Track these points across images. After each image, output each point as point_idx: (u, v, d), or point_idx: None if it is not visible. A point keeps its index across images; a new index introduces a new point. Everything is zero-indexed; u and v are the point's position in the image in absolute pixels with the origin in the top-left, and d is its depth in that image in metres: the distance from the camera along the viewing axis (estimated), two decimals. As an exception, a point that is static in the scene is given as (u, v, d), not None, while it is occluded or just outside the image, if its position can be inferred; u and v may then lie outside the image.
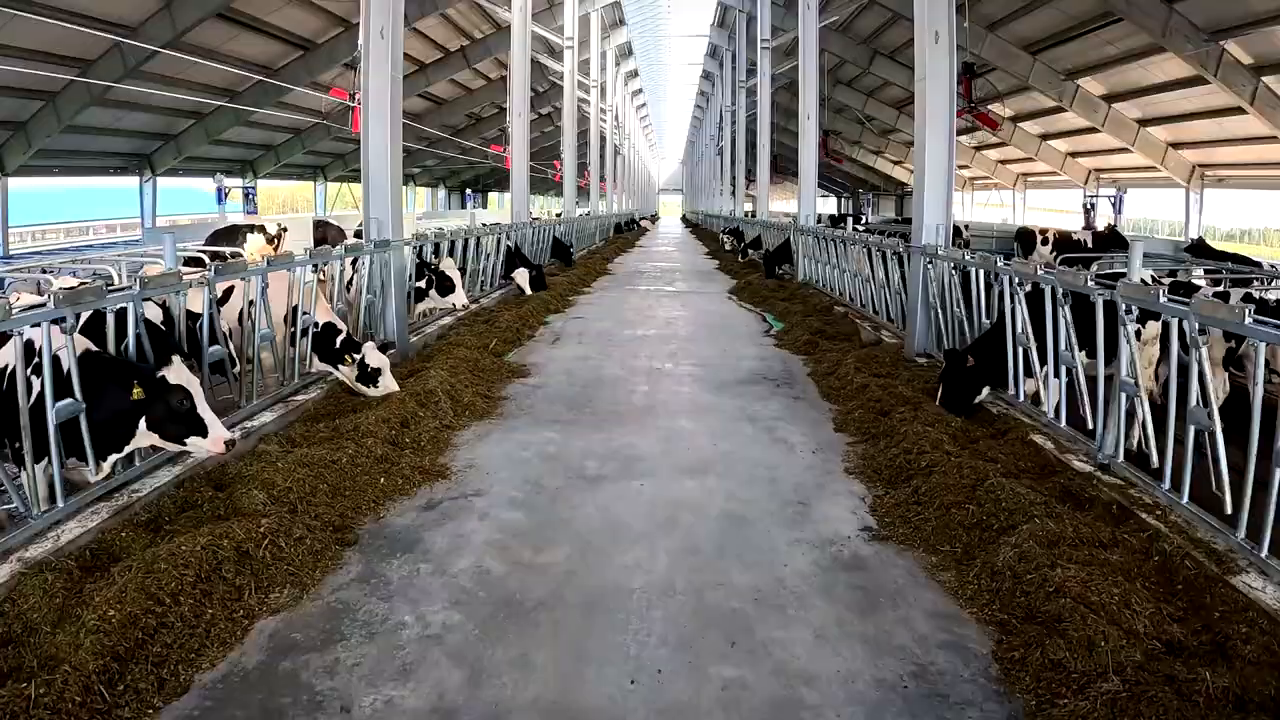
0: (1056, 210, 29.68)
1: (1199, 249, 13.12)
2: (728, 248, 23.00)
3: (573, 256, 17.06)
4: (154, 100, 18.71)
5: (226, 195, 18.45)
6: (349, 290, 7.41)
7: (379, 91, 7.38)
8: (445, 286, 8.43)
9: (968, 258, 6.29)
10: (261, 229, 14.53)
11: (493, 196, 48.29)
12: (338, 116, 20.84)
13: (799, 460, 5.15)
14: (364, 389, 6.07)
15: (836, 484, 4.76)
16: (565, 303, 12.25)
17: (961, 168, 34.58)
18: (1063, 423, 5.19)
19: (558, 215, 24.70)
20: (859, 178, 42.03)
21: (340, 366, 6.14)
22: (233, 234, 14.19)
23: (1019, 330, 5.51)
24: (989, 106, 18.61)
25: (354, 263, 7.16)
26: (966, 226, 17.32)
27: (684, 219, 63.43)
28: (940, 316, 7.00)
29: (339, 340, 6.17)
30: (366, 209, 7.47)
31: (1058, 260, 12.88)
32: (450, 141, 32.97)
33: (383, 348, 6.27)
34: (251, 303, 5.47)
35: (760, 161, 19.43)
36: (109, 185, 23.19)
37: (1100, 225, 19.67)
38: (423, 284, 8.51)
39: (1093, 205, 19.67)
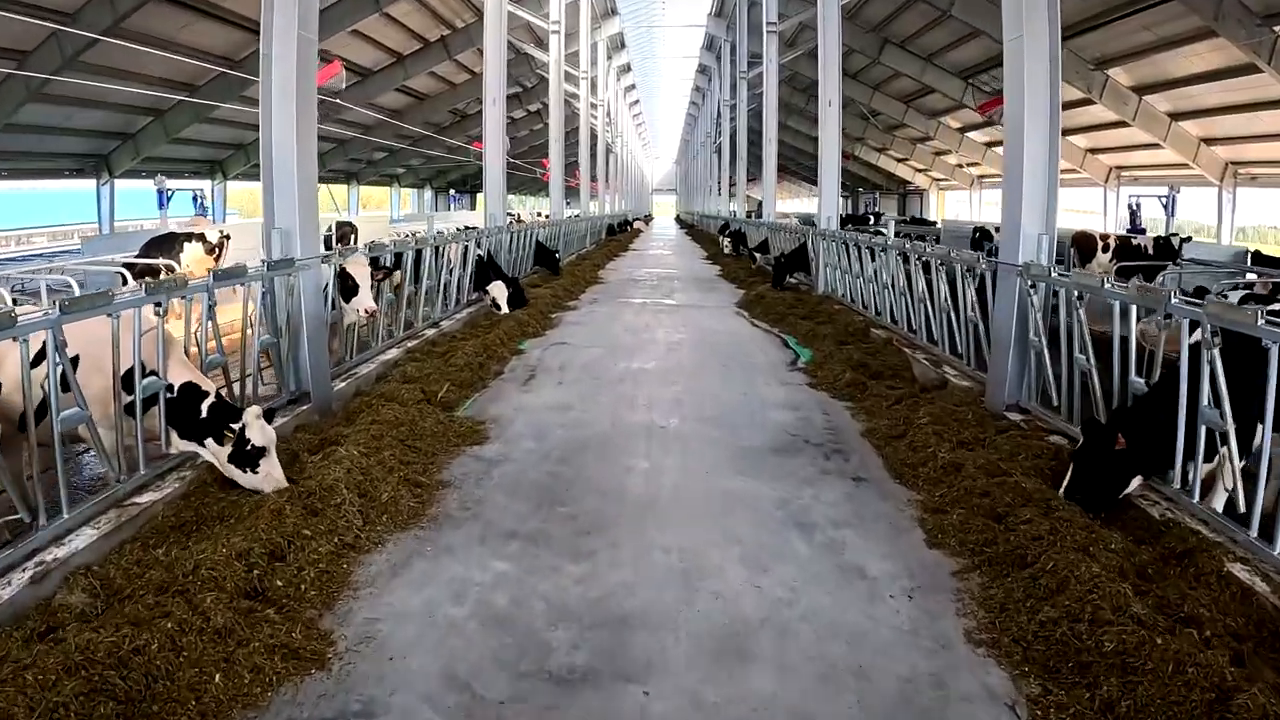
0: (1072, 210, 28.12)
1: (1254, 256, 11.76)
2: (726, 251, 21.23)
3: (559, 264, 15.13)
4: (106, 96, 17.05)
5: (170, 198, 16.48)
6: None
7: (284, 59, 5.47)
8: (347, 288, 6.45)
9: (1109, 285, 4.40)
10: (201, 237, 12.72)
11: (481, 198, 46.31)
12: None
13: (890, 615, 3.26)
14: (237, 475, 4.18)
15: (962, 674, 2.88)
16: (546, 322, 10.35)
17: (971, 165, 32.97)
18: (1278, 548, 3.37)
19: (544, 216, 22.88)
20: (861, 176, 40.42)
21: (209, 442, 4.26)
22: (168, 243, 12.41)
23: (1205, 402, 3.67)
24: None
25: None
26: (998, 229, 15.50)
27: (678, 219, 61.79)
28: (1047, 360, 5.14)
29: (206, 406, 4.27)
30: (269, 216, 5.56)
31: (1116, 270, 11.12)
32: (434, 140, 31.08)
33: (269, 414, 4.38)
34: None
35: (766, 156, 17.50)
36: (77, 189, 21.60)
37: (1140, 226, 18.02)
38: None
39: (1138, 205, 17.89)
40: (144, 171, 21.84)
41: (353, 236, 15.50)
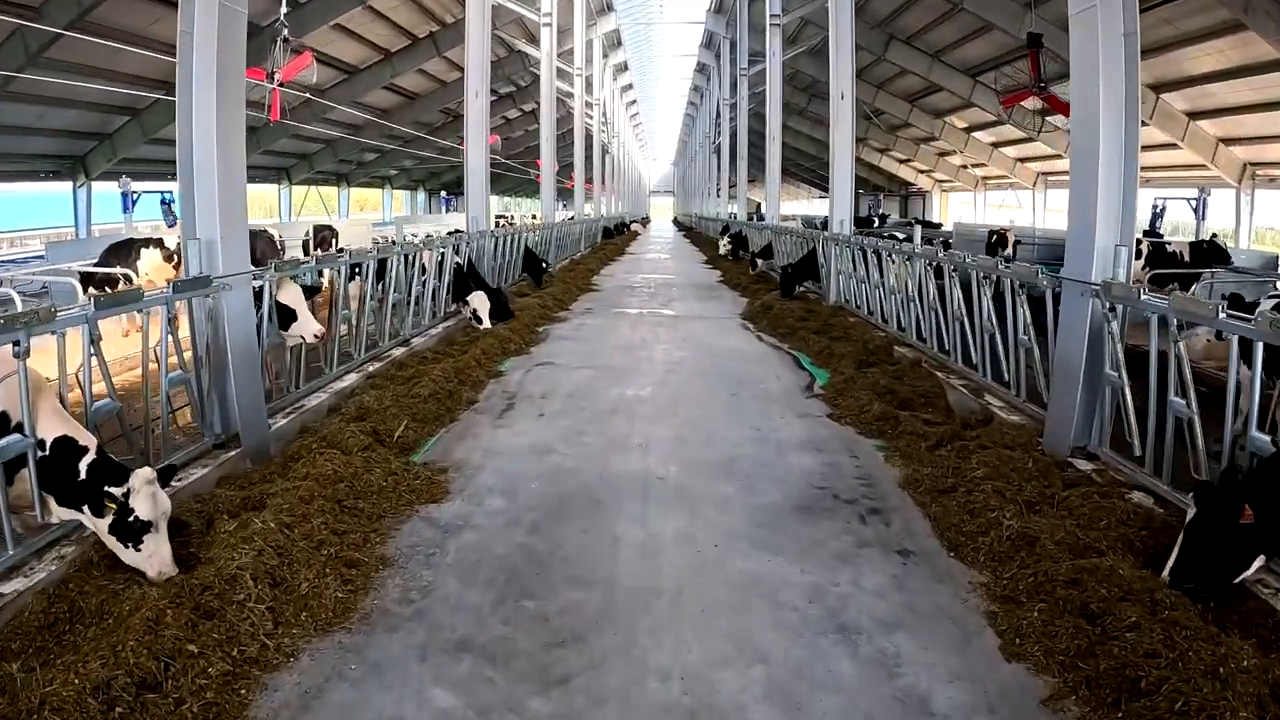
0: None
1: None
2: (722, 252, 20.36)
3: (547, 271, 14.15)
4: (78, 94, 16.16)
5: (135, 201, 15.55)
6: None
7: (205, 35, 4.54)
8: (285, 317, 5.55)
9: (1224, 315, 3.49)
10: (159, 243, 11.84)
11: (475, 199, 45.29)
12: (253, 104, 18.06)
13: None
14: (118, 550, 3.28)
15: None
16: (532, 337, 9.41)
17: (976, 166, 32.11)
18: None
19: (536, 219, 21.98)
20: (862, 177, 39.55)
21: (87, 510, 3.35)
22: (126, 249, 11.56)
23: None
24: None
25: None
26: (1019, 243, 14.56)
27: (676, 222, 61.02)
28: (1129, 399, 4.23)
29: (85, 465, 3.36)
30: (188, 225, 4.64)
31: (1148, 276, 10.24)
32: (426, 140, 30.13)
33: (167, 474, 3.47)
34: None
35: (770, 156, 16.58)
36: (68, 192, 20.81)
37: (1157, 230, 17.19)
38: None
39: (1162, 208, 17.05)
40: (123, 173, 21.00)
41: (333, 241, 14.62)
